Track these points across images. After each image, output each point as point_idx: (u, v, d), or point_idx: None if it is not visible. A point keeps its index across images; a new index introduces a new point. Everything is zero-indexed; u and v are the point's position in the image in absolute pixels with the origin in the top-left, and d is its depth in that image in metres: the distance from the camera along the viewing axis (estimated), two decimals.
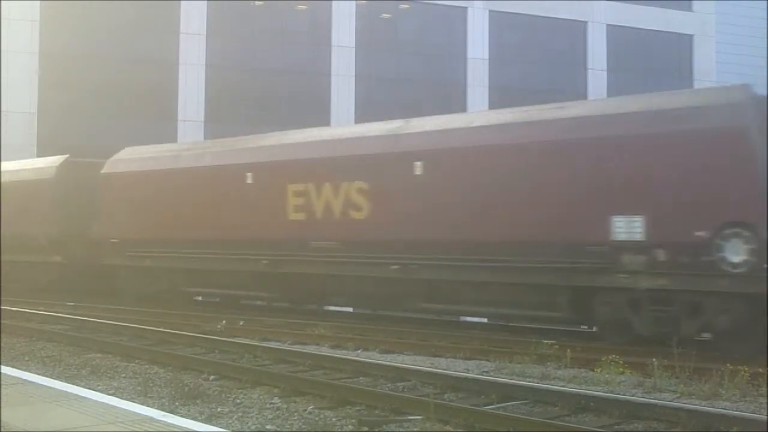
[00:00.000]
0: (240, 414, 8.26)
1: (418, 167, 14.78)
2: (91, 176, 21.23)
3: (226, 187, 17.90)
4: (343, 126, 17.91)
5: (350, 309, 18.24)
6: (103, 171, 20.95)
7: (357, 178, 15.63)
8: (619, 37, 38.92)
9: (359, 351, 12.84)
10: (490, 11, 37.37)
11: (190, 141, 20.16)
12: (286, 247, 16.78)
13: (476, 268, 14.07)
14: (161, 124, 32.47)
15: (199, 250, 18.38)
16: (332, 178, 15.99)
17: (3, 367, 9.53)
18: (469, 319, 16.84)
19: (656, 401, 8.29)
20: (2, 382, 8.37)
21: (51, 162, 22.74)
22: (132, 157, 20.90)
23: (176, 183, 19.10)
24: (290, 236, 16.67)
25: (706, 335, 12.45)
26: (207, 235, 18.19)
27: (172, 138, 30.89)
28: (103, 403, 7.59)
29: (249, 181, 17.41)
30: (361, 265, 15.64)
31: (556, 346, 11.48)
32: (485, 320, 16.49)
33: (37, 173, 22.78)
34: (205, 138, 32.10)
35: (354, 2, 35.77)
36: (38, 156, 28.45)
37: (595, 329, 13.84)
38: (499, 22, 37.59)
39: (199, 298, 20.40)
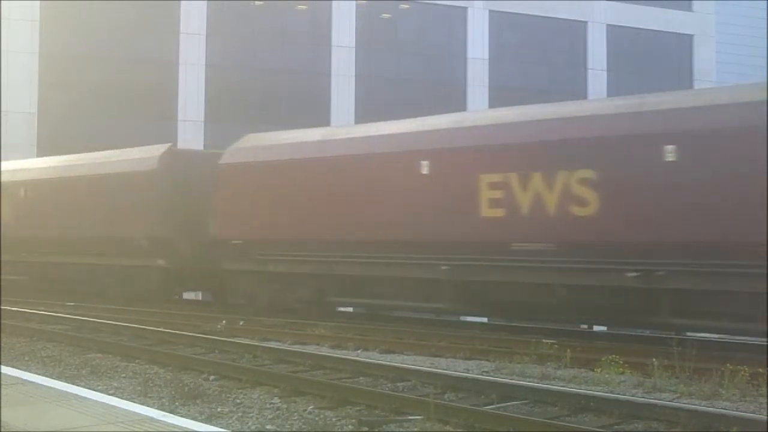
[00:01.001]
0: (240, 414, 8.26)
1: (670, 152, 11.96)
2: (200, 167, 18.97)
3: (393, 178, 15.05)
4: (559, 104, 14.64)
5: (350, 309, 18.17)
6: (222, 161, 18.09)
7: (582, 165, 12.74)
8: (619, 37, 38.92)
9: (359, 351, 12.84)
10: (490, 11, 37.36)
11: (334, 126, 17.66)
12: (475, 249, 13.94)
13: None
14: (161, 124, 32.46)
15: (352, 253, 15.56)
16: (542, 166, 13.09)
17: (3, 367, 9.53)
18: (471, 319, 16.79)
19: (656, 401, 8.29)
20: (2, 382, 8.38)
21: (150, 152, 20.04)
22: (261, 145, 18.15)
23: (323, 174, 16.21)
24: (482, 237, 13.88)
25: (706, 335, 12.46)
26: (363, 236, 15.34)
27: (173, 138, 30.88)
28: (103, 403, 7.59)
29: (424, 171, 14.64)
30: (586, 272, 12.78)
31: (556, 346, 11.48)
32: (487, 320, 16.43)
33: (133, 165, 19.97)
34: (205, 138, 32.18)
35: (354, 2, 35.76)
36: (38, 156, 28.46)
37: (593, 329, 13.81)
38: (499, 22, 37.59)
39: (350, 310, 18.10)
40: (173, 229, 18.79)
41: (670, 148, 11.83)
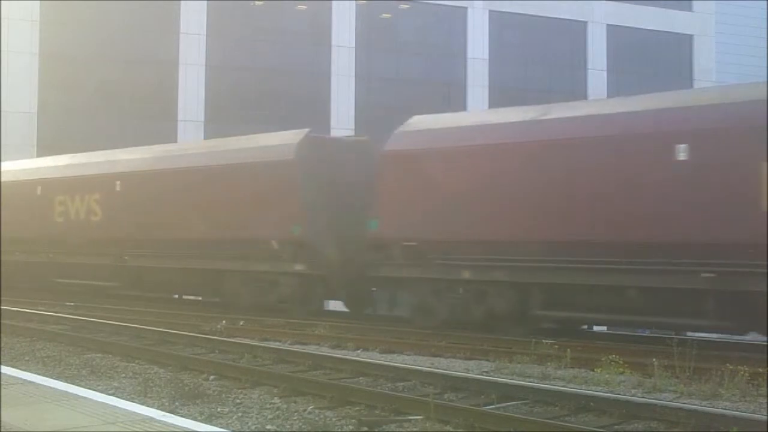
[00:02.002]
0: (240, 414, 8.26)
1: None
2: (344, 156, 16.90)
3: (645, 165, 12.34)
4: None
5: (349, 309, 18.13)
6: (388, 148, 15.40)
7: None
8: (619, 37, 38.92)
9: (359, 351, 12.83)
10: (490, 11, 37.36)
11: (542, 104, 14.71)
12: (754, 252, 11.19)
13: None
14: (161, 124, 32.46)
15: (582, 257, 12.85)
16: None
17: (3, 367, 9.52)
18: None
19: (656, 401, 8.29)
20: (2, 382, 8.37)
21: (284, 138, 17.45)
22: (439, 127, 15.53)
23: (543, 161, 13.41)
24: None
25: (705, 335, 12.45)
26: (605, 236, 12.65)
27: (173, 138, 30.88)
28: (103, 403, 7.59)
29: (682, 157, 11.86)
30: None
31: (556, 346, 11.49)
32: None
33: (261, 154, 17.35)
34: (205, 138, 32.11)
35: (354, 2, 35.76)
36: (38, 156, 28.45)
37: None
38: (499, 22, 37.59)
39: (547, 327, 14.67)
40: (314, 229, 16.28)
41: None
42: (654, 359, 10.15)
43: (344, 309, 18.20)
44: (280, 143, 17.32)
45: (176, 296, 21.21)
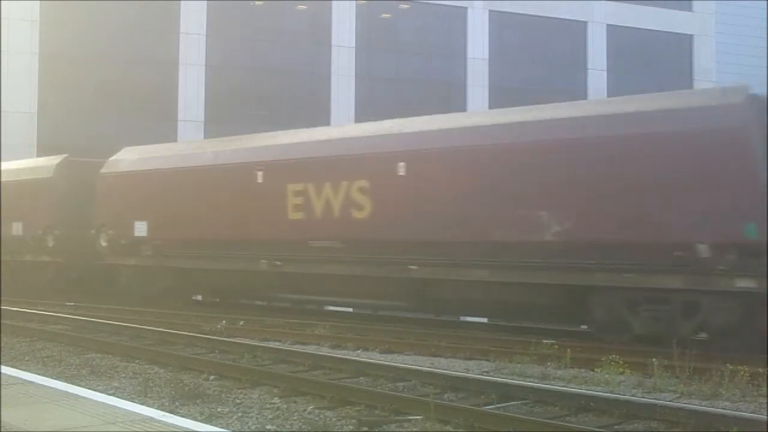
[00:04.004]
0: (240, 414, 8.26)
1: None
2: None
3: None
4: None
5: (350, 309, 18.14)
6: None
7: None
8: (619, 37, 38.93)
9: (359, 351, 12.84)
10: (490, 11, 37.38)
11: None
12: None
13: None
14: (161, 124, 32.46)
15: None
16: None
17: (3, 367, 9.52)
18: (471, 319, 16.73)
19: (656, 401, 8.29)
20: (2, 382, 8.37)
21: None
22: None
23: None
24: None
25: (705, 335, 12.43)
26: None
27: (173, 138, 30.88)
28: (103, 403, 7.59)
29: None
30: None
31: (556, 346, 11.49)
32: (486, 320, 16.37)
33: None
34: (205, 138, 32.07)
35: (354, 2, 35.77)
36: (38, 156, 28.43)
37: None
38: (499, 22, 37.60)
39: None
40: None
41: None
42: (654, 359, 10.15)
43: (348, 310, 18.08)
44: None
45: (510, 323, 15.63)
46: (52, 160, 22.05)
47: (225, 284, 18.92)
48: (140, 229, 19.18)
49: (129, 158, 20.42)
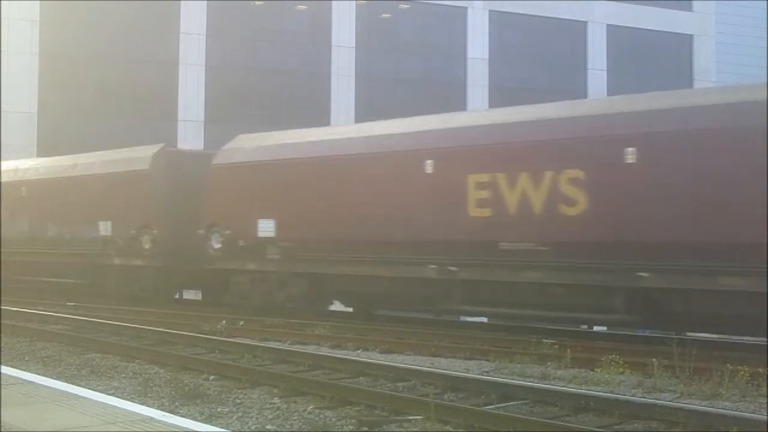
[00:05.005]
0: (240, 414, 8.25)
1: None
2: None
3: None
4: None
5: (350, 309, 18.13)
6: None
7: None
8: (619, 37, 38.94)
9: (359, 351, 12.84)
10: (490, 11, 37.39)
11: None
12: None
13: None
14: (161, 124, 32.47)
15: None
16: None
17: (3, 367, 9.52)
18: (471, 319, 16.71)
19: (656, 401, 8.29)
20: (2, 382, 8.37)
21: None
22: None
23: None
24: None
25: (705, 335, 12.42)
26: None
27: (173, 138, 30.88)
28: (103, 403, 7.59)
29: None
30: None
31: (556, 346, 11.49)
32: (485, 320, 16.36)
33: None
34: (204, 139, 32.14)
35: (354, 2, 35.77)
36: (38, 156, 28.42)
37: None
38: (499, 22, 37.61)
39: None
40: None
41: None
42: (654, 359, 10.16)
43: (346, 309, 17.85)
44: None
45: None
46: (147, 150, 19.46)
47: (373, 292, 16.16)
48: (266, 228, 16.56)
49: (248, 146, 17.70)
